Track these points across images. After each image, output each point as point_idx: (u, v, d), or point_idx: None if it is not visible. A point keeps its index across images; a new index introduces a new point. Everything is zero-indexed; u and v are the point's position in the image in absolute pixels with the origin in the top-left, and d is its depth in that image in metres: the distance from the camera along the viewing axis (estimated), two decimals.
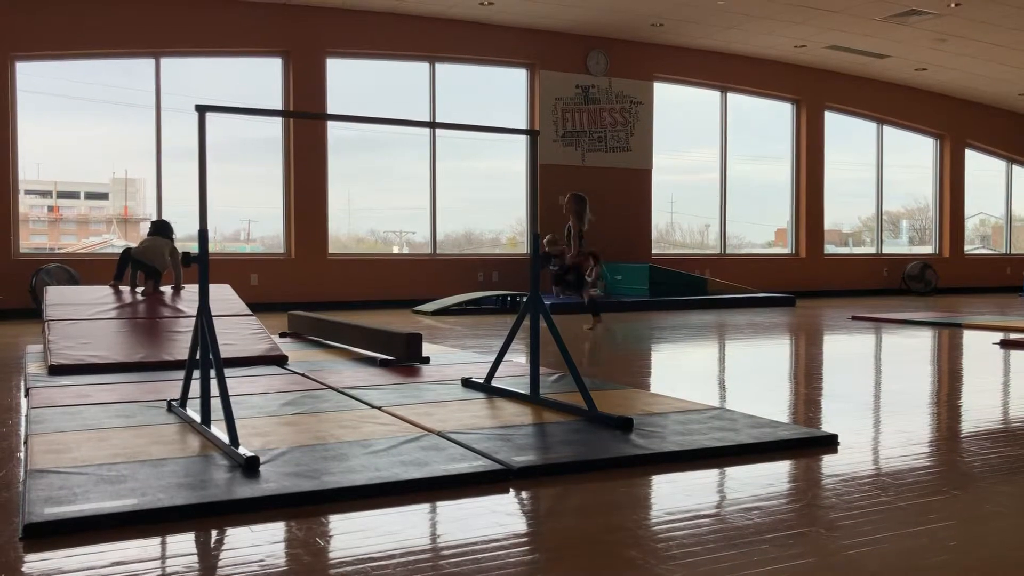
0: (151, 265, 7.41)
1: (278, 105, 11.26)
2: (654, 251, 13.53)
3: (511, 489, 2.76)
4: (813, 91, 14.78)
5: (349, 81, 11.66)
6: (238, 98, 11.07)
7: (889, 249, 16.05)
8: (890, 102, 15.59)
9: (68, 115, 10.45)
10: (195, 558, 2.18)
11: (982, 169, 16.93)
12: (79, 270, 10.04)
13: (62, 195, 11.29)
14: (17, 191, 10.21)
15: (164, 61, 10.74)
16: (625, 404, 4.08)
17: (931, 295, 15.17)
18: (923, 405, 4.41)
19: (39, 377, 4.98)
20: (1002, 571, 2.05)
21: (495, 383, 4.45)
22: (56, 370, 5.13)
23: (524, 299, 4.26)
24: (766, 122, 14.72)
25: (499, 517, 2.51)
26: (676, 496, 2.74)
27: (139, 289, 7.34)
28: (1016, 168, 17.40)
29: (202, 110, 3.40)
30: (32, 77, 10.24)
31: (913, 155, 16.31)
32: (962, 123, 16.46)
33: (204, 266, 3.46)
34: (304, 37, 11.23)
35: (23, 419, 3.86)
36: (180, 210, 10.65)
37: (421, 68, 12.07)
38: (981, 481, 2.86)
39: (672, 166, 13.85)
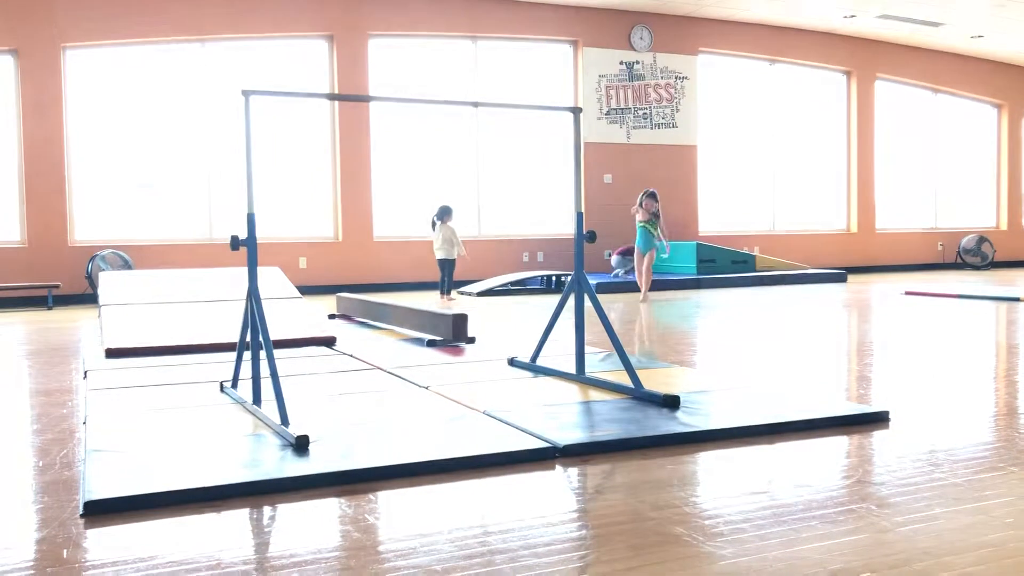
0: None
1: (325, 89, 11.34)
2: (702, 228, 13.38)
3: (558, 467, 2.77)
4: (864, 62, 14.44)
5: (392, 62, 11.68)
6: (285, 84, 11.16)
7: (944, 222, 15.66)
8: (945, 71, 15.17)
9: (118, 103, 10.62)
10: (248, 535, 2.23)
11: None
12: (132, 256, 10.27)
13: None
14: (71, 180, 10.44)
15: (210, 46, 10.87)
16: (672, 382, 4.06)
17: (988, 269, 14.79)
18: (979, 381, 4.31)
19: (96, 360, 5.11)
20: None
21: (541, 362, 4.45)
22: (112, 353, 5.25)
23: (569, 278, 4.25)
24: (816, 95, 14.41)
25: (546, 495, 2.52)
26: (724, 473, 2.72)
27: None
28: None
29: (248, 94, 3.44)
30: (83, 66, 10.44)
31: (970, 125, 15.85)
32: (1021, 91, 15.95)
33: (252, 250, 3.51)
34: (347, 18, 11.27)
35: (82, 401, 3.96)
36: (230, 196, 10.82)
37: (464, 46, 12.05)
38: None
39: (720, 141, 13.66)
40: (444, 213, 10.10)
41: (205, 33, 10.75)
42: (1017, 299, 8.47)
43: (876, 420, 3.31)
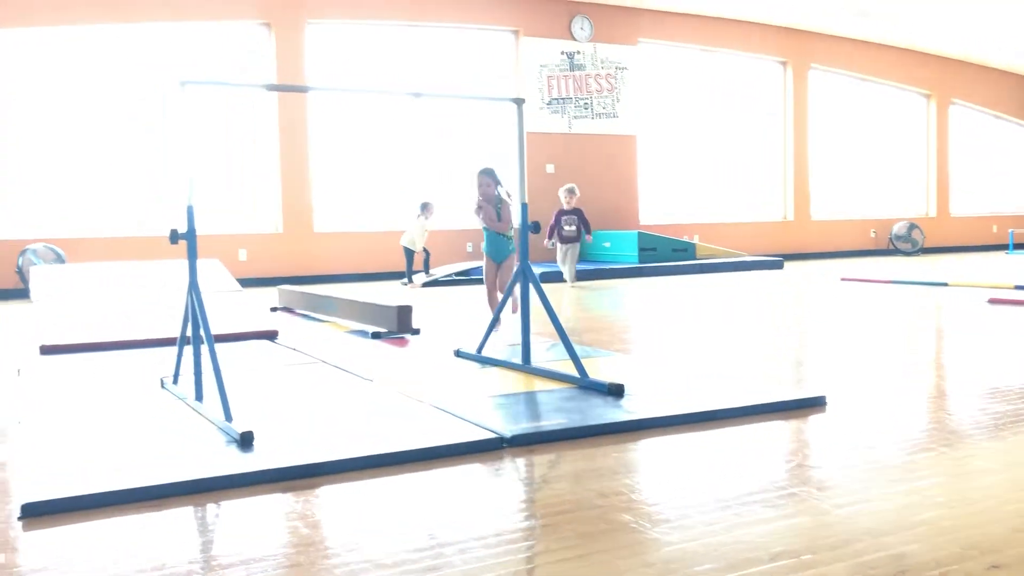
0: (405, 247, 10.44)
1: (264, 77, 11.14)
2: (643, 218, 13.51)
3: (505, 457, 2.78)
4: (799, 52, 14.71)
5: (331, 49, 11.53)
6: (224, 71, 10.93)
7: (876, 210, 16.05)
8: (876, 62, 15.54)
9: (48, 90, 10.29)
10: (193, 534, 2.20)
11: (970, 127, 16.92)
12: (65, 250, 9.98)
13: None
14: None
15: (145, 31, 10.59)
16: (616, 370, 4.10)
17: (918, 255, 15.23)
18: (911, 364, 4.45)
19: (30, 357, 4.96)
20: (989, 526, 2.09)
21: (487, 353, 4.46)
22: (47, 350, 5.11)
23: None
24: (753, 84, 14.63)
25: (494, 485, 2.53)
26: (668, 460, 2.77)
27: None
28: (1006, 125, 17.41)
29: (185, 83, 3.37)
30: (10, 51, 10.09)
31: (900, 115, 16.27)
32: (948, 81, 16.43)
33: (192, 242, 3.45)
34: (284, 3, 11.08)
35: (16, 400, 3.85)
36: (167, 187, 10.57)
37: (404, 33, 11.93)
38: (969, 438, 2.90)
39: (660, 131, 13.78)
40: (423, 208, 10.77)
41: (139, 17, 10.47)
42: (945, 284, 8.75)
43: (814, 405, 3.40)
